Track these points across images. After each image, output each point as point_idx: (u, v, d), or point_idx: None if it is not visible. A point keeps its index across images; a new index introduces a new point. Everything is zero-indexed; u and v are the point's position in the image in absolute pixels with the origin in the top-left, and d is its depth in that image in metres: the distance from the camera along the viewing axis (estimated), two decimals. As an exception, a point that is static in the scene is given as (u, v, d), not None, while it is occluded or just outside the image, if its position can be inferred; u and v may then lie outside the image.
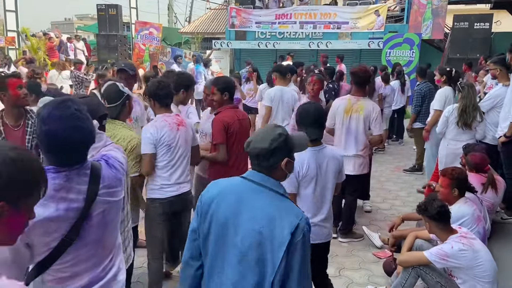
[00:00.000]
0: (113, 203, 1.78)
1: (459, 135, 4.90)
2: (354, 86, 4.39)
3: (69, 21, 69.77)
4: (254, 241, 1.63)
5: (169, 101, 3.23)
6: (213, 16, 26.45)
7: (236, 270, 1.66)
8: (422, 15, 13.56)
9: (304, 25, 15.67)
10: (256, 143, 1.73)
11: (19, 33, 15.06)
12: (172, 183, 3.12)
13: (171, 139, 3.06)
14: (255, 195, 1.69)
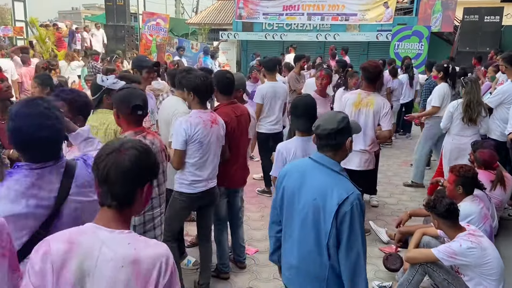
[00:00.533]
0: (87, 203, 1.77)
1: (463, 130, 4.89)
2: (365, 81, 4.35)
3: (76, 11, 69.80)
4: (310, 209, 2.02)
5: (209, 98, 3.28)
6: (220, 7, 26.30)
7: (300, 233, 2.07)
8: (432, 7, 13.41)
9: (311, 16, 15.56)
10: (325, 125, 2.06)
11: (27, 23, 15.08)
12: (202, 179, 3.17)
13: (204, 136, 3.07)
14: (314, 171, 2.07)
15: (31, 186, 1.64)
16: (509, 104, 4.78)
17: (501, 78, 5.38)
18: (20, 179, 1.64)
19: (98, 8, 56.65)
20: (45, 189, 1.67)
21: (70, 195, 1.71)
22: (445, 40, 14.37)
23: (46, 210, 1.66)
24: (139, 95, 2.47)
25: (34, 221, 1.64)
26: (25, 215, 1.62)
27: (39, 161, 1.68)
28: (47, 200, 1.66)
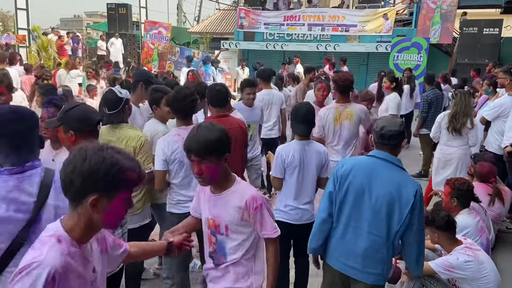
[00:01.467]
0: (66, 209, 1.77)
1: (450, 140, 4.98)
2: (338, 93, 4.39)
3: (79, 18, 70.21)
4: (385, 200, 2.31)
5: (188, 113, 3.07)
6: (222, 16, 26.52)
7: (371, 223, 2.33)
8: (431, 19, 13.54)
9: (312, 27, 15.70)
10: (390, 127, 2.38)
11: (29, 31, 15.21)
12: (189, 199, 2.89)
13: (184, 155, 2.78)
14: (383, 168, 2.37)
15: (12, 190, 1.67)
16: (506, 118, 4.84)
17: (501, 91, 5.45)
18: (1, 184, 1.67)
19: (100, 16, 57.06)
20: (24, 193, 1.69)
21: (48, 199, 1.73)
22: (444, 52, 14.49)
23: (25, 214, 1.68)
24: (94, 110, 2.41)
25: (13, 226, 1.66)
26: (5, 219, 1.64)
27: (19, 164, 1.71)
28: (26, 205, 1.69)
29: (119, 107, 2.93)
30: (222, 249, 2.15)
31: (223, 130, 2.04)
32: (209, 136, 1.97)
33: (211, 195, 2.15)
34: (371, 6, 14.73)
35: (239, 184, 2.12)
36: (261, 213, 2.08)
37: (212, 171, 2.00)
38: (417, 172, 7.27)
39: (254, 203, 2.05)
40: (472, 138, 4.90)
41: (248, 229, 2.12)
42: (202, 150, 1.96)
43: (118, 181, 1.38)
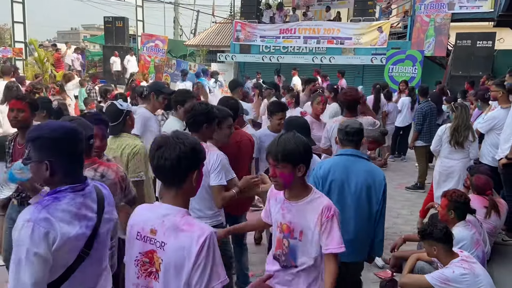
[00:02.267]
0: (115, 221, 1.88)
1: (452, 153, 5.01)
2: (346, 109, 4.51)
3: (76, 31, 70.48)
4: (364, 187, 2.79)
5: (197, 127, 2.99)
6: (218, 29, 26.72)
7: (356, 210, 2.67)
8: (425, 32, 13.72)
9: (307, 40, 15.86)
10: (352, 125, 2.90)
11: (26, 44, 15.26)
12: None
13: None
14: (354, 161, 2.86)
15: (81, 207, 1.69)
16: (499, 130, 4.88)
17: (494, 104, 5.51)
18: (71, 202, 1.67)
19: (97, 28, 57.32)
20: (89, 209, 1.73)
21: (104, 213, 1.78)
22: (438, 64, 14.65)
23: (90, 230, 1.71)
24: (87, 125, 2.41)
25: (82, 242, 1.69)
26: (78, 236, 1.66)
27: (79, 182, 1.73)
28: (92, 221, 1.73)
29: (119, 119, 3.13)
30: (293, 253, 2.25)
31: (303, 143, 2.15)
32: (288, 145, 2.11)
33: (286, 201, 2.26)
34: (366, 19, 14.92)
35: (315, 194, 2.24)
36: (332, 223, 2.16)
37: (285, 177, 2.14)
38: (413, 184, 7.28)
39: (328, 211, 2.17)
40: (473, 150, 4.93)
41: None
42: (278, 156, 2.11)
43: (203, 156, 1.74)
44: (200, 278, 1.55)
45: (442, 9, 13.57)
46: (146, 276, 1.65)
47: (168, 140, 1.66)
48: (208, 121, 2.96)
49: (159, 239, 1.61)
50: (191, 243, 1.56)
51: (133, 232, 1.70)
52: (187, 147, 1.65)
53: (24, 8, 15.45)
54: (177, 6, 31.41)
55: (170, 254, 1.58)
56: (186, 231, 1.59)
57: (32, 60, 15.00)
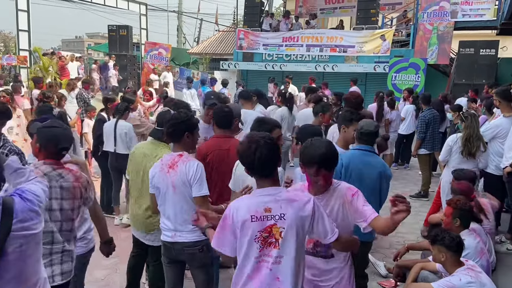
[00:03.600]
0: (31, 237, 1.77)
1: (462, 163, 4.94)
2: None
3: (80, 39, 71.06)
4: (378, 178, 3.23)
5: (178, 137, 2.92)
6: (221, 37, 26.87)
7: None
8: (428, 40, 13.72)
9: (310, 48, 15.89)
10: (367, 127, 3.26)
11: (31, 52, 15.37)
12: (168, 228, 2.91)
13: (159, 182, 2.86)
14: (368, 156, 3.29)
15: None
16: (502, 139, 4.84)
17: (497, 112, 5.48)
18: None
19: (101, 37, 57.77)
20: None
21: (13, 231, 1.68)
22: (441, 72, 14.63)
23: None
24: (67, 137, 2.54)
25: None
26: None
27: None
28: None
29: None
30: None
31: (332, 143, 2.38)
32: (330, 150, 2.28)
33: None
34: (369, 27, 14.94)
35: (334, 184, 2.39)
36: (359, 197, 2.32)
37: (331, 179, 2.36)
38: (416, 192, 7.23)
39: (350, 191, 2.34)
40: (483, 160, 4.89)
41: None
42: (330, 163, 2.29)
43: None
44: (322, 225, 2.06)
45: (445, 17, 13.59)
46: (267, 246, 1.99)
47: (258, 141, 2.03)
48: (190, 129, 2.88)
49: (277, 213, 1.99)
50: (305, 206, 2.03)
51: (246, 218, 1.99)
52: (273, 143, 2.08)
53: (29, 16, 15.59)
54: (180, 14, 31.66)
55: (291, 221, 1.98)
56: (297, 200, 2.04)
57: (37, 68, 15.09)
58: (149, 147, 3.37)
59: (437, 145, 6.95)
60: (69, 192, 2.50)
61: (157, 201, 2.92)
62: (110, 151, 5.63)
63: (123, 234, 5.27)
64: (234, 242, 2.05)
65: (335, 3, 18.99)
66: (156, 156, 3.22)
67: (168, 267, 3.04)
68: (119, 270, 4.44)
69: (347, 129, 3.50)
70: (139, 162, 3.37)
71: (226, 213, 2.06)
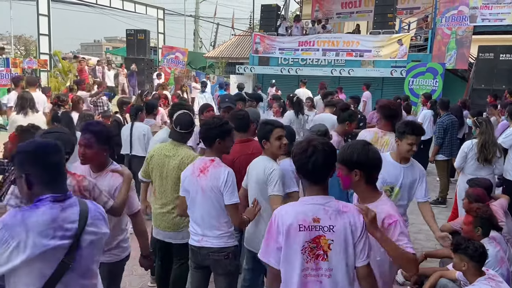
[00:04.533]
0: (99, 235, 1.92)
1: (478, 170, 4.87)
2: (384, 119, 4.25)
3: (98, 43, 72.20)
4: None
5: (210, 142, 2.94)
6: (237, 42, 27.00)
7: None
8: (446, 45, 13.54)
9: (326, 52, 15.83)
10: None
11: (51, 55, 15.68)
12: (196, 233, 2.95)
13: (189, 186, 2.91)
14: None
15: (57, 218, 1.76)
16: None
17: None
18: (47, 210, 1.76)
19: (119, 41, 58.59)
20: (68, 220, 1.80)
21: (87, 225, 1.85)
22: (460, 77, 14.42)
23: (69, 240, 1.78)
24: (65, 141, 2.53)
25: (60, 253, 1.76)
26: (54, 247, 1.73)
27: (60, 192, 1.82)
28: (70, 231, 1.79)
29: (190, 129, 3.40)
30: None
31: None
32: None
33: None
34: (386, 32, 14.82)
35: (381, 201, 2.24)
36: (395, 229, 2.13)
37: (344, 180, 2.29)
38: (434, 199, 7.12)
39: (389, 219, 2.16)
40: (499, 166, 4.81)
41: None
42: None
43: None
44: (364, 245, 1.95)
45: (463, 22, 13.39)
46: (314, 259, 1.92)
47: (317, 146, 2.00)
48: (221, 136, 2.90)
49: (326, 224, 1.92)
50: (355, 220, 1.95)
51: (294, 226, 1.92)
52: (332, 151, 2.03)
53: (50, 21, 15.93)
54: (197, 19, 31.93)
55: (339, 233, 1.91)
56: (347, 212, 1.96)
57: (56, 71, 15.40)
58: (169, 147, 3.41)
59: (455, 151, 6.84)
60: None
61: (189, 203, 2.94)
62: (126, 153, 5.68)
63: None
64: (278, 251, 1.97)
65: (352, 8, 18.90)
66: (177, 155, 3.29)
67: (194, 271, 3.06)
68: (135, 272, 4.48)
69: (400, 142, 3.28)
70: (160, 164, 3.39)
71: (272, 220, 2.01)
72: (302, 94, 12.11)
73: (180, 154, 3.29)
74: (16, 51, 33.44)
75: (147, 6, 20.62)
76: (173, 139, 3.44)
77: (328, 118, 6.69)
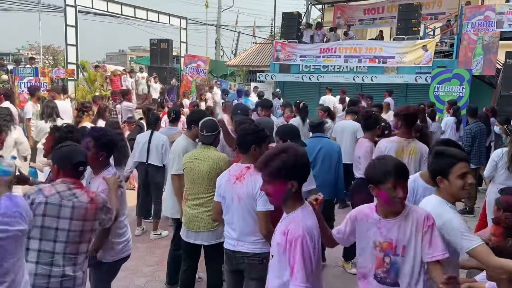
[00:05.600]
0: (11, 233, 1.93)
1: (509, 179, 4.74)
2: (404, 127, 4.17)
3: (123, 53, 73.81)
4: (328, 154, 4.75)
5: (245, 148, 2.95)
6: (258, 49, 27.14)
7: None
8: (472, 50, 13.25)
9: (348, 59, 15.72)
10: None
11: (78, 65, 16.09)
12: (231, 238, 2.96)
13: (225, 192, 2.93)
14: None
15: None
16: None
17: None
18: None
19: (143, 50, 59.72)
20: None
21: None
22: (487, 83, 14.06)
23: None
24: (81, 152, 2.63)
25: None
26: None
27: None
28: None
29: (215, 131, 3.59)
30: (395, 269, 2.31)
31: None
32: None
33: (382, 220, 2.33)
34: (410, 38, 14.61)
35: (410, 207, 2.30)
36: (432, 232, 2.22)
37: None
38: (461, 208, 6.93)
39: (428, 221, 2.24)
40: None
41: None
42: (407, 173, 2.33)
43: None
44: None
45: (490, 27, 13.08)
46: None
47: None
48: (256, 143, 2.91)
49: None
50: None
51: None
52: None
53: (77, 31, 16.35)
54: (219, 27, 32.27)
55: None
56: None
57: (83, 80, 15.79)
58: (200, 151, 3.58)
59: (483, 159, 6.67)
60: (80, 213, 2.51)
61: (224, 209, 2.98)
62: (142, 161, 5.64)
63: (162, 243, 5.36)
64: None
65: (375, 14, 18.74)
66: (208, 157, 3.48)
67: (229, 274, 3.10)
68: (158, 278, 4.51)
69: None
70: (192, 167, 3.52)
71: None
72: (328, 101, 12.07)
73: (210, 156, 3.49)
74: (45, 61, 34.47)
75: (170, 16, 20.91)
76: (203, 142, 3.62)
77: (349, 125, 6.64)
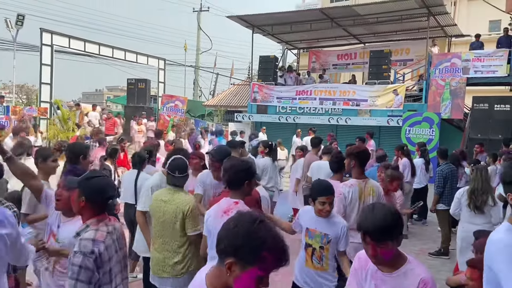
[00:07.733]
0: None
1: (472, 218, 4.85)
2: (358, 167, 4.04)
3: (99, 92, 73.58)
4: None
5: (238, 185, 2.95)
6: (236, 90, 27.56)
7: None
8: (441, 95, 13.81)
9: (323, 101, 16.13)
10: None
11: (51, 104, 15.89)
12: None
13: (212, 226, 2.87)
14: None
15: None
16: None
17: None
18: None
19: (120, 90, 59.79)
20: None
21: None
22: (455, 127, 14.58)
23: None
24: (113, 185, 2.55)
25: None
26: None
27: None
28: None
29: (186, 173, 3.46)
30: None
31: (397, 213, 2.09)
32: (387, 220, 2.03)
33: (378, 272, 2.18)
34: (381, 82, 15.17)
35: (411, 264, 2.13)
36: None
37: (386, 254, 2.05)
38: (436, 249, 6.94)
39: (424, 285, 2.06)
40: (494, 215, 4.73)
41: None
42: (378, 235, 2.01)
43: (255, 256, 1.42)
44: None
45: (457, 74, 13.73)
46: None
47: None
48: (249, 178, 2.94)
49: None
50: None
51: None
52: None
53: (52, 70, 16.26)
54: (197, 69, 32.75)
55: None
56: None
57: (56, 118, 15.54)
58: (166, 193, 3.46)
59: (455, 200, 6.77)
60: (122, 240, 2.57)
61: (211, 244, 2.90)
62: (130, 203, 5.41)
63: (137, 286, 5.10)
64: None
65: (348, 59, 19.48)
66: (173, 201, 3.35)
67: None
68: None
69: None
70: (157, 209, 3.44)
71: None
72: (307, 142, 12.17)
73: (176, 200, 3.36)
74: (18, 99, 33.95)
75: (149, 57, 21.15)
76: (174, 185, 3.47)
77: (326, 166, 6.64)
